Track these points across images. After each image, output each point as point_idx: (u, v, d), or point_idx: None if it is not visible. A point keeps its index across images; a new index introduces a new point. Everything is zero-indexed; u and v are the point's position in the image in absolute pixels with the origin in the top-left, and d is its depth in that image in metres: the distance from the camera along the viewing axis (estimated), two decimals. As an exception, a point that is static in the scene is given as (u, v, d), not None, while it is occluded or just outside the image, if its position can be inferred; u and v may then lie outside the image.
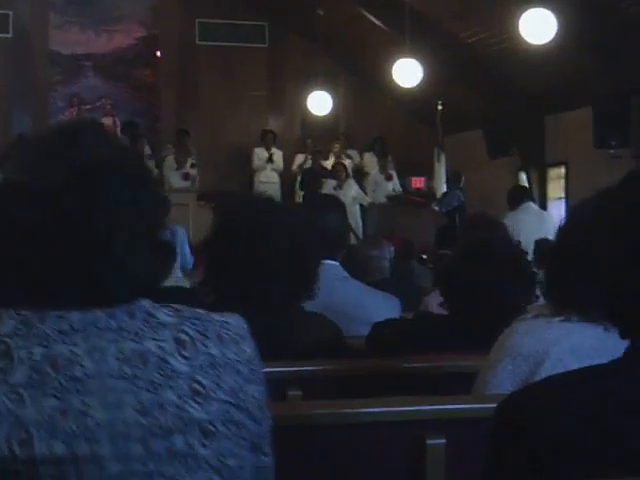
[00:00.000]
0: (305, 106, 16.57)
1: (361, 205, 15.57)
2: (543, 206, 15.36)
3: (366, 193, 16.16)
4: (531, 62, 13.11)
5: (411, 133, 17.62)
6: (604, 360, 1.67)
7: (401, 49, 14.08)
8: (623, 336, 1.56)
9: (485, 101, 15.85)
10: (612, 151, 13.32)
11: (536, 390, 1.62)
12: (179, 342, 1.71)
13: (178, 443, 1.67)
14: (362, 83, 18.07)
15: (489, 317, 2.85)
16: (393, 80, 14.41)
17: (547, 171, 15.72)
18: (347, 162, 16.43)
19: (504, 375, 2.32)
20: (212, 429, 1.70)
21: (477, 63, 15.15)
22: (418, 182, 17.22)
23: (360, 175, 16.81)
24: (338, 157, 16.48)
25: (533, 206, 10.06)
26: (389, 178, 16.22)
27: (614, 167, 13.30)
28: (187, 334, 1.72)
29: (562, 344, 2.19)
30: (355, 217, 15.17)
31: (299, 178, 16.35)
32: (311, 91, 16.34)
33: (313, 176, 15.72)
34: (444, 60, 15.15)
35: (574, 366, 2.18)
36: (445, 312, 3.16)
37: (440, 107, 15.71)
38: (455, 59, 15.22)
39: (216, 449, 1.71)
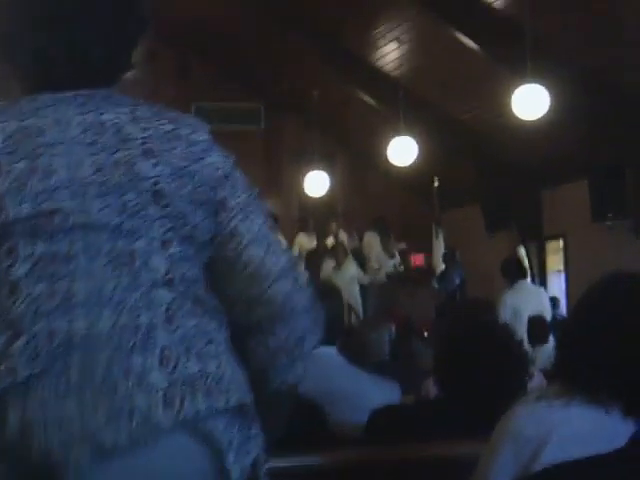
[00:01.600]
0: (302, 187, 16.62)
1: (361, 284, 15.52)
2: (543, 279, 15.35)
3: (366, 272, 16.12)
4: (526, 137, 13.18)
5: (409, 210, 17.66)
6: (603, 445, 1.64)
7: (396, 127, 14.18)
8: (628, 413, 1.56)
9: (481, 176, 15.91)
10: (609, 223, 13.33)
11: None
12: (135, 117, 1.92)
13: (129, 197, 1.84)
14: (358, 162, 18.17)
15: (486, 401, 2.81)
16: (389, 158, 14.49)
17: (546, 244, 15.72)
18: (346, 241, 16.42)
19: (506, 459, 2.28)
20: (164, 188, 1.86)
21: (472, 139, 15.25)
22: (417, 259, 17.20)
23: (359, 254, 16.78)
24: (336, 236, 16.47)
25: (528, 283, 10.07)
26: (392, 256, 16.23)
27: (612, 239, 13.33)
28: (143, 113, 1.95)
29: (564, 429, 2.16)
30: (355, 296, 15.12)
31: (304, 260, 16.34)
32: (308, 171, 16.41)
33: (316, 257, 15.72)
34: (439, 137, 15.26)
35: (575, 451, 2.14)
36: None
37: (436, 184, 15.76)
38: (450, 136, 15.32)
39: (169, 210, 1.86)
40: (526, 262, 13.42)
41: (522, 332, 8.93)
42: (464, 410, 2.98)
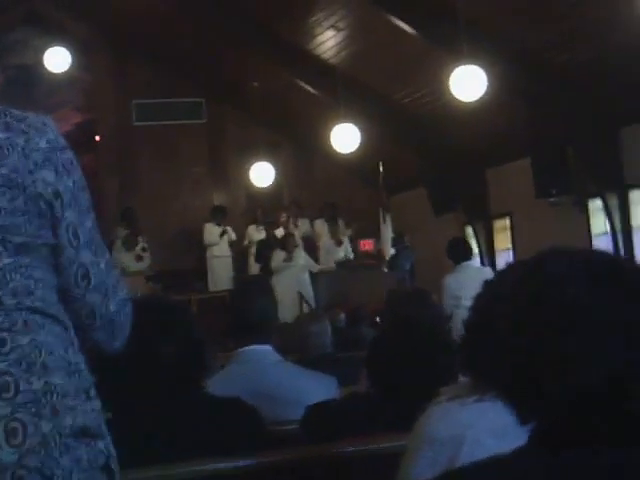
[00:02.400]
0: (248, 178, 16.58)
1: (311, 272, 15.51)
2: (491, 258, 15.45)
3: (317, 260, 16.13)
4: (467, 118, 13.25)
5: (356, 197, 17.68)
6: (522, 436, 1.64)
7: (337, 115, 14.18)
8: (520, 422, 1.53)
9: (425, 159, 15.98)
10: (553, 199, 13.44)
11: None
12: None
13: None
14: (303, 151, 18.17)
15: (415, 395, 2.81)
16: (333, 146, 14.49)
17: (493, 223, 15.82)
18: (296, 231, 16.41)
19: (424, 464, 2.26)
20: None
21: (414, 123, 15.30)
22: (367, 245, 17.24)
23: (311, 243, 16.80)
24: (286, 227, 16.45)
25: (472, 264, 10.03)
26: (339, 243, 16.21)
27: (557, 215, 13.45)
28: None
29: (478, 426, 2.15)
30: (305, 285, 15.12)
31: (253, 251, 16.31)
32: (252, 163, 16.37)
33: (267, 248, 15.69)
34: (381, 122, 15.29)
35: (493, 446, 2.13)
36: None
37: (382, 169, 15.78)
38: (392, 120, 15.37)
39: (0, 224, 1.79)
40: (471, 242, 13.44)
41: (463, 316, 8.93)
42: (395, 403, 2.99)
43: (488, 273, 10.48)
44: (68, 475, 1.76)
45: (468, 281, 9.11)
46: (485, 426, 2.14)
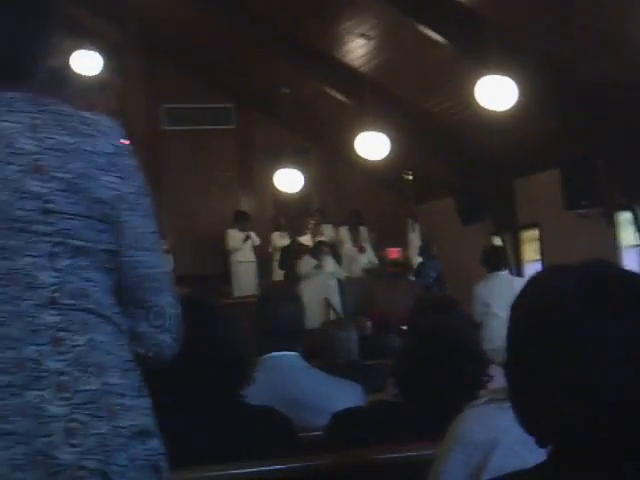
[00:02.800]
0: (275, 184, 16.60)
1: (338, 279, 15.50)
2: (519, 269, 15.38)
3: (343, 267, 16.13)
4: (496, 127, 13.22)
5: (383, 204, 17.68)
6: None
7: (366, 122, 14.18)
8: (540, 445, 1.53)
9: (453, 169, 15.95)
10: (582, 211, 13.38)
11: None
12: (32, 126, 1.83)
13: (19, 214, 1.78)
14: (331, 158, 18.18)
15: (443, 403, 2.81)
16: (360, 153, 14.50)
17: (520, 234, 15.76)
18: (323, 238, 16.42)
19: (456, 465, 2.25)
20: (54, 207, 1.80)
21: (443, 131, 15.27)
22: (394, 253, 17.21)
23: (334, 249, 16.79)
24: (314, 234, 16.45)
25: (504, 274, 9.99)
26: (362, 250, 16.21)
27: (585, 227, 13.38)
28: (44, 121, 1.85)
29: (512, 432, 2.13)
30: (333, 292, 15.12)
31: (278, 257, 16.31)
32: (280, 169, 16.39)
33: (292, 254, 15.70)
34: (410, 130, 15.28)
35: (525, 455, 2.13)
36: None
37: (410, 177, 15.76)
38: (420, 129, 15.35)
39: (60, 227, 1.81)
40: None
41: (493, 325, 8.90)
42: (423, 412, 2.99)
43: (518, 283, 10.39)
44: (124, 473, 1.78)
45: (498, 290, 9.10)
46: (519, 434, 2.13)
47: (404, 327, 11.25)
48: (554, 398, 1.45)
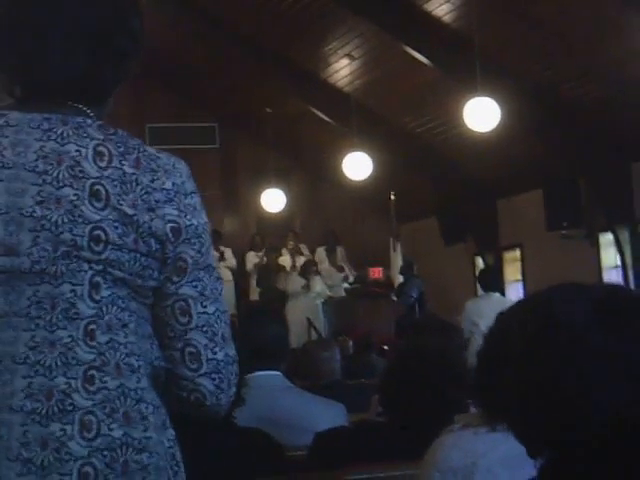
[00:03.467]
0: (259, 204, 16.61)
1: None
2: (501, 289, 15.41)
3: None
4: (479, 148, 13.28)
5: (366, 224, 17.71)
6: (531, 468, 1.64)
7: (350, 143, 14.22)
8: (530, 455, 1.54)
9: (437, 189, 16.00)
10: (564, 232, 13.44)
11: None
12: (98, 153, 1.82)
13: (66, 236, 1.76)
14: (314, 178, 18.20)
15: (426, 424, 2.81)
16: (344, 173, 14.53)
17: (503, 254, 15.81)
18: (303, 258, 16.42)
19: None
20: (102, 235, 1.77)
21: (426, 152, 15.32)
22: (376, 272, 17.21)
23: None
24: (293, 254, 16.44)
25: (497, 295, 10.10)
26: (340, 270, 16.24)
27: (567, 247, 13.44)
28: (108, 149, 1.83)
29: (490, 456, 2.15)
30: (317, 311, 15.11)
31: (255, 276, 16.32)
32: (264, 188, 16.41)
33: (269, 273, 15.70)
34: (393, 151, 15.32)
35: (505, 476, 2.14)
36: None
37: (393, 197, 15.80)
38: (404, 149, 15.40)
39: (104, 256, 1.78)
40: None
41: (478, 342, 8.93)
42: (406, 432, 2.99)
43: (507, 304, 10.45)
44: None
45: (488, 310, 9.20)
46: (497, 456, 2.14)
47: (386, 347, 11.31)
48: (555, 412, 1.46)
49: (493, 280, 10.34)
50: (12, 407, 1.71)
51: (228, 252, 16.48)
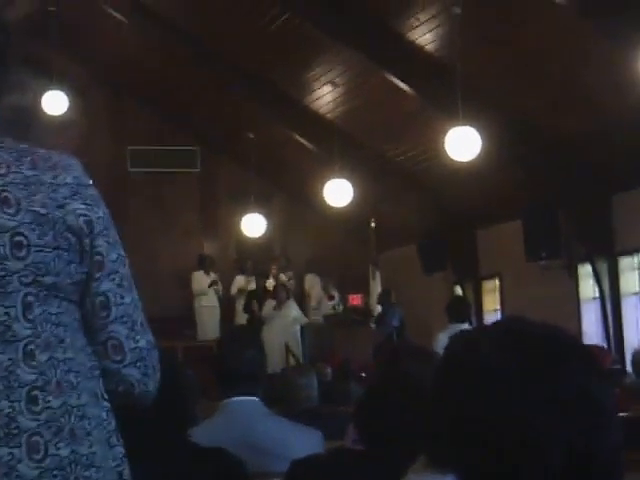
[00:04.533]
0: (239, 228, 16.62)
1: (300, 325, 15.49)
2: (479, 318, 15.42)
3: (306, 313, 16.14)
4: (460, 177, 13.31)
5: (346, 251, 17.71)
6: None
7: (331, 169, 14.24)
8: None
9: (417, 217, 16.03)
10: (543, 262, 13.47)
11: None
12: None
13: None
14: (295, 203, 18.22)
15: (403, 452, 2.79)
16: (325, 200, 14.54)
17: (482, 284, 15.83)
18: (287, 283, 16.45)
19: None
20: (23, 240, 1.78)
21: (407, 180, 15.37)
22: (355, 299, 17.24)
23: (298, 295, 16.83)
24: (276, 278, 16.48)
25: (465, 327, 10.03)
26: (331, 299, 16.28)
27: (546, 278, 13.46)
28: (2, 157, 1.85)
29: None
30: (296, 337, 15.11)
31: (241, 300, 16.30)
32: (244, 213, 16.42)
33: (256, 299, 15.71)
34: (374, 179, 15.35)
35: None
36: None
37: (373, 224, 15.83)
38: (385, 177, 15.44)
39: (30, 261, 1.78)
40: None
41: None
42: (382, 461, 2.97)
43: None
44: None
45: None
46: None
47: (364, 374, 11.29)
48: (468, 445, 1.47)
49: (461, 311, 10.29)
50: None
51: (217, 279, 16.52)
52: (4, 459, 1.69)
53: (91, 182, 1.97)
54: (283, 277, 16.70)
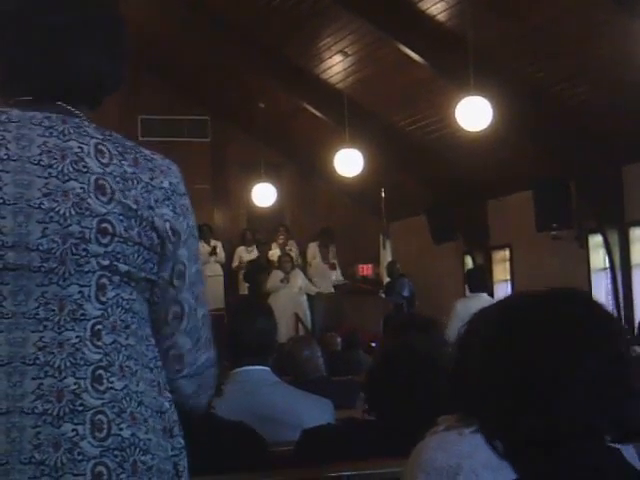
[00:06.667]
0: (249, 198, 16.62)
1: (308, 295, 15.50)
2: (490, 289, 15.43)
3: (312, 282, 16.14)
4: (471, 148, 13.29)
5: (356, 221, 17.70)
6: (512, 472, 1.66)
7: (342, 139, 14.22)
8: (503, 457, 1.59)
9: (427, 187, 16.01)
10: (554, 233, 13.46)
11: None
12: (99, 151, 1.87)
13: (74, 229, 1.79)
14: (305, 173, 18.19)
15: (414, 421, 2.81)
16: (336, 170, 14.53)
17: (492, 254, 15.82)
18: (292, 253, 16.43)
19: None
20: (109, 228, 1.81)
21: (418, 150, 15.33)
22: (365, 270, 17.25)
23: (302, 265, 16.85)
24: (283, 248, 16.47)
25: (485, 296, 10.06)
26: (333, 267, 16.24)
27: (556, 249, 13.46)
28: (108, 148, 1.88)
29: (475, 457, 2.14)
30: (303, 307, 15.11)
31: (243, 270, 16.30)
32: (255, 183, 16.42)
33: (258, 268, 15.70)
34: (385, 149, 15.33)
35: (489, 478, 2.14)
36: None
37: (383, 194, 15.81)
38: (396, 147, 15.40)
39: (111, 249, 1.81)
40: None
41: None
42: (393, 430, 2.99)
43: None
44: None
45: (474, 308, 9.12)
46: (482, 458, 2.13)
47: (373, 344, 11.31)
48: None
49: (482, 280, 10.31)
50: (23, 409, 1.72)
51: (219, 246, 16.49)
52: (67, 435, 1.71)
53: (186, 192, 1.98)
54: (292, 246, 16.68)
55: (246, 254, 16.62)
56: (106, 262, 1.81)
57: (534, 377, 1.52)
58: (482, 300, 9.78)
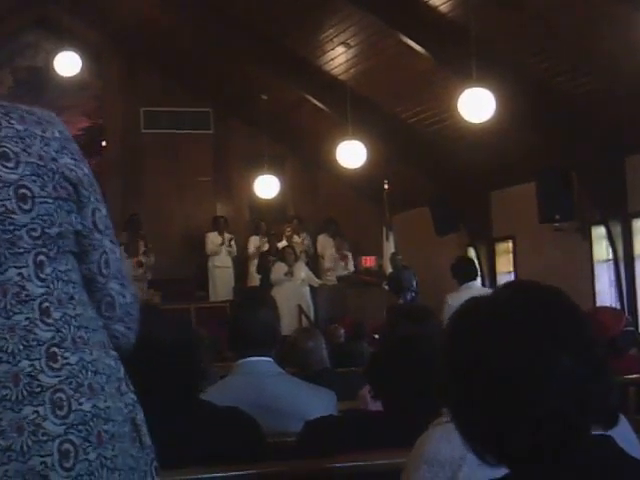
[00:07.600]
0: (252, 190, 16.63)
1: (311, 286, 15.51)
2: (493, 280, 15.44)
3: (319, 275, 16.15)
4: (474, 140, 13.28)
5: (359, 213, 17.71)
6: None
7: (344, 131, 14.21)
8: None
9: (430, 179, 16.00)
10: (557, 225, 13.46)
11: None
12: None
13: None
14: (308, 165, 18.20)
15: (416, 411, 2.82)
16: (338, 161, 14.52)
17: (495, 246, 15.82)
18: (300, 244, 16.45)
19: None
20: (27, 192, 1.80)
21: (420, 142, 15.32)
22: (368, 261, 17.24)
23: (313, 257, 16.87)
24: (289, 240, 16.50)
25: (475, 285, 9.98)
26: (344, 258, 16.28)
27: (559, 240, 13.45)
28: None
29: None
30: (306, 298, 15.12)
31: (256, 261, 16.30)
32: (257, 175, 16.42)
33: (268, 260, 15.73)
34: (387, 140, 15.32)
35: (492, 470, 2.14)
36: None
37: (386, 186, 15.81)
38: (398, 139, 15.39)
39: (35, 213, 1.81)
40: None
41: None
42: (395, 421, 2.99)
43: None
44: None
45: (468, 300, 9.05)
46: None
47: (376, 336, 11.31)
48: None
49: (467, 270, 10.16)
50: None
51: (233, 239, 16.56)
52: (29, 417, 1.72)
53: (71, 136, 1.98)
54: (297, 238, 16.71)
55: (259, 244, 16.67)
56: (37, 232, 1.81)
57: (506, 379, 1.52)
58: (473, 289, 9.73)
